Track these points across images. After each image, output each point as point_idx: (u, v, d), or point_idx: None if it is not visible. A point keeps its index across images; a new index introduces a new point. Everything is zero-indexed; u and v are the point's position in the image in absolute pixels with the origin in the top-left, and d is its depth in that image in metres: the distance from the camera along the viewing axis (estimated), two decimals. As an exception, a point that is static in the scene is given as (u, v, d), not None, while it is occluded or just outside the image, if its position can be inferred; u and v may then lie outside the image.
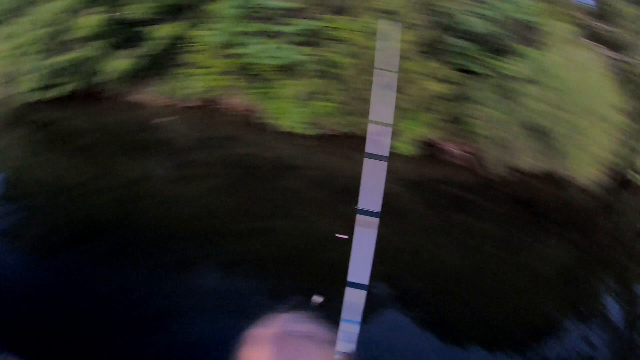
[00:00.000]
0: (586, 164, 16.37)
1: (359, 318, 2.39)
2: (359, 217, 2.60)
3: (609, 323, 12.17)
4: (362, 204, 2.60)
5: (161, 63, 20.47)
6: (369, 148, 2.73)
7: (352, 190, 8.02)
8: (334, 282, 3.17)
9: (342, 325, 2.39)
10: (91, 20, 18.53)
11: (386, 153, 2.69)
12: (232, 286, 10.16)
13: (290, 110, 19.02)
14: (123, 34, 19.77)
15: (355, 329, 2.39)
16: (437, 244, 13.30)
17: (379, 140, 2.75)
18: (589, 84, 16.51)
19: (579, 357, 10.30)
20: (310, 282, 10.01)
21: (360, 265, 2.57)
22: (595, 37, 20.44)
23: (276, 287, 10.12)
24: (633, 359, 11.10)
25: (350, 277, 2.56)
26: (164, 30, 19.86)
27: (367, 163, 2.68)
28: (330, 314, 2.21)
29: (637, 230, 19.16)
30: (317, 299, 9.29)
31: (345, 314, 2.43)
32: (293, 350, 1.41)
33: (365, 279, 2.56)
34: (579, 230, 16.56)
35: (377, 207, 2.61)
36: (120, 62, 19.41)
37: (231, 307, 9.05)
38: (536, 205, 17.49)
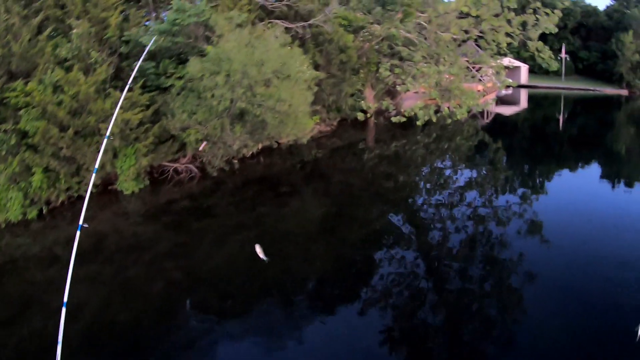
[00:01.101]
0: (298, 126, 16.89)
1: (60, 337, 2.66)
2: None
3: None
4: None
5: None
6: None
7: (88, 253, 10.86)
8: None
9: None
10: None
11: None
12: None
13: (8, 200, 16.91)
14: None
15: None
16: (187, 256, 12.89)
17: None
18: (275, 54, 17.06)
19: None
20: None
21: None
22: (273, 14, 21.51)
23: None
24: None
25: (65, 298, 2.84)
26: None
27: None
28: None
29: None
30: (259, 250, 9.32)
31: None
32: None
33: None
34: (313, 181, 17.56)
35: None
36: None
37: None
38: (267, 180, 18.24)
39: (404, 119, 23.37)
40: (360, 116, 24.21)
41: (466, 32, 26.67)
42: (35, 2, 18.44)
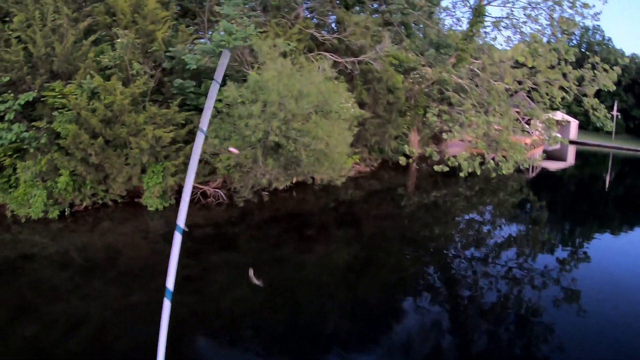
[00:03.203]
0: (334, 165, 16.00)
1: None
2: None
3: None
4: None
5: None
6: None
7: (99, 265, 10.78)
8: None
9: None
10: None
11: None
12: None
13: (31, 196, 16.94)
14: None
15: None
16: (197, 292, 12.17)
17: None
18: (316, 88, 16.34)
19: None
20: None
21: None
22: (323, 46, 20.92)
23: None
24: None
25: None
26: None
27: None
28: None
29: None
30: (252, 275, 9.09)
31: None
32: None
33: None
34: (344, 224, 16.83)
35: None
36: None
37: None
38: (296, 218, 17.58)
39: (446, 169, 22.26)
40: (402, 160, 23.29)
41: (519, 82, 25.57)
42: (86, 7, 18.33)
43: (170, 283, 2.78)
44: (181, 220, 3.01)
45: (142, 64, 17.77)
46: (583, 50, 56.93)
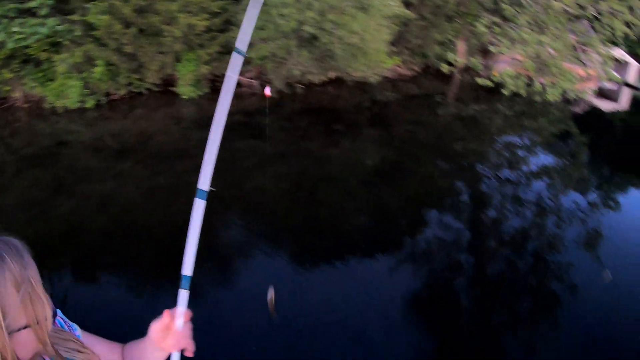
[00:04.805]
0: (370, 62, 15.40)
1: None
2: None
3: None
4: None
5: None
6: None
7: (130, 149, 11.67)
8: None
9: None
10: None
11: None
12: None
13: (68, 87, 17.14)
14: None
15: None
16: (222, 175, 11.81)
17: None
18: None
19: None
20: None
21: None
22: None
23: None
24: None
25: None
26: None
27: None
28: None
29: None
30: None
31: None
32: None
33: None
34: (376, 124, 16.87)
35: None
36: None
37: None
38: (327, 112, 17.28)
39: (490, 84, 21.22)
40: (444, 68, 22.21)
41: (582, 8, 23.55)
42: None
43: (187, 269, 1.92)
44: (205, 181, 1.90)
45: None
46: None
